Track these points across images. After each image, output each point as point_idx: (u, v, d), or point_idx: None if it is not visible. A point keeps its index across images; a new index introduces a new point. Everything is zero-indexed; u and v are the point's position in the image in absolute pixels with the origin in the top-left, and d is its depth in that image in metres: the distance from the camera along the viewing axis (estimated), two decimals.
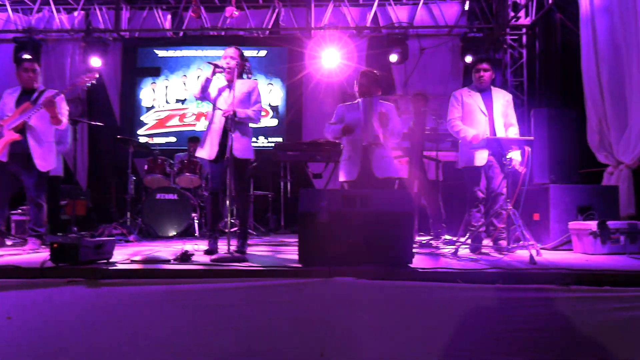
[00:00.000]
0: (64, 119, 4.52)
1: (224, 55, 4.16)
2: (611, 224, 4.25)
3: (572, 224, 4.53)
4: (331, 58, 8.09)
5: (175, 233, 6.06)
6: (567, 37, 6.63)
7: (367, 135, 4.21)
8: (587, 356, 2.36)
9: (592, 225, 4.25)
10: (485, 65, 4.56)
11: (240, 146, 4.01)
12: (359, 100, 4.34)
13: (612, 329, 2.50)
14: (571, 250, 4.52)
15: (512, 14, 7.96)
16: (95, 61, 8.17)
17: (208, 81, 4.11)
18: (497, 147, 4.30)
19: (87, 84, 4.51)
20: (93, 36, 8.29)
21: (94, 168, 8.87)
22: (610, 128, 5.39)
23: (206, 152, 4.14)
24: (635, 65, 4.97)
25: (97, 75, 4.55)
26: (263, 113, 8.64)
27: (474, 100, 4.53)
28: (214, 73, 4.08)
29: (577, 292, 2.73)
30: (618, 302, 2.62)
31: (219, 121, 4.10)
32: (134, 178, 6.59)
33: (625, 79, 5.20)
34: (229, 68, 4.07)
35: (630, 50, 5.05)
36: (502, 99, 4.55)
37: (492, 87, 4.61)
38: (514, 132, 4.52)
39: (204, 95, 4.16)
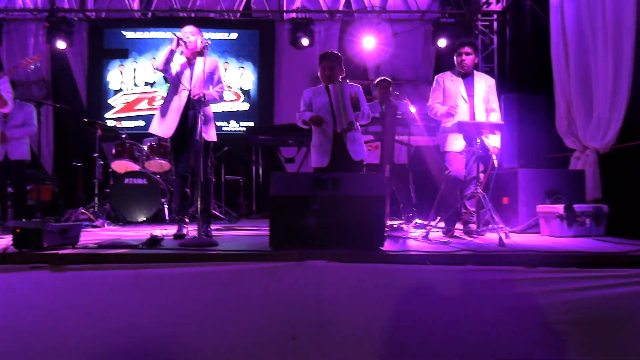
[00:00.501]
0: (9, 101, 4.40)
1: (182, 31, 4.09)
2: (577, 207, 4.34)
3: (540, 208, 4.62)
4: (304, 42, 8.02)
5: (144, 218, 5.95)
6: (537, 24, 6.69)
7: (342, 121, 4.13)
8: (554, 333, 2.41)
9: (559, 208, 4.33)
10: (467, 49, 4.47)
11: (206, 128, 3.97)
12: (329, 85, 4.21)
13: (577, 308, 2.57)
14: (539, 233, 4.61)
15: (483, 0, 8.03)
16: (60, 43, 7.91)
17: (172, 53, 4.02)
18: (469, 131, 4.31)
19: (31, 66, 4.41)
20: (57, 16, 8.01)
21: (60, 152, 8.62)
22: (577, 114, 5.48)
23: (163, 129, 4.06)
24: (601, 53, 5.05)
25: (40, 58, 4.45)
26: (234, 97, 8.66)
27: (456, 85, 4.49)
28: (177, 45, 3.99)
29: (544, 273, 2.79)
30: (583, 282, 2.69)
31: (180, 99, 4.04)
32: (102, 162, 6.43)
33: (591, 67, 5.27)
34: (189, 42, 4.02)
35: (597, 38, 5.12)
36: (484, 84, 4.52)
37: (474, 72, 4.58)
38: (495, 118, 4.53)
39: (166, 68, 4.06)
